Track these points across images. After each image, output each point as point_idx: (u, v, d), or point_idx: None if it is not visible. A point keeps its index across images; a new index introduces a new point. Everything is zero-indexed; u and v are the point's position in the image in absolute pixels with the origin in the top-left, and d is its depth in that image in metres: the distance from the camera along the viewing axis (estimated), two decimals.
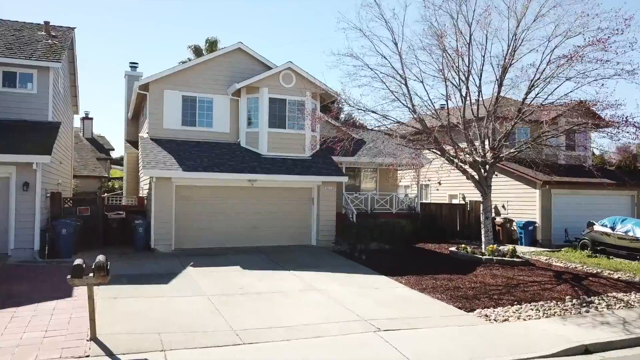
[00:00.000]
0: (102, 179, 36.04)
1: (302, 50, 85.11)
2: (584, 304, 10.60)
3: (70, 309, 8.73)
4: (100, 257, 7.21)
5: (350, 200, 20.02)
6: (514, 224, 20.58)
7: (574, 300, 10.82)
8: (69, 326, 7.83)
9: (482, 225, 15.68)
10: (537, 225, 19.85)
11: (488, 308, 10.12)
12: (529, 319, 9.56)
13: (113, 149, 44.76)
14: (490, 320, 9.38)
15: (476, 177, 15.50)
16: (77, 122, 47.24)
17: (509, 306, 10.31)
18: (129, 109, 21.92)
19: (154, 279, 11.54)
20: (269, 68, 18.11)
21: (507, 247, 15.53)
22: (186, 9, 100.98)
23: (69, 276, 7.06)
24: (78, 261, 7.16)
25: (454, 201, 24.77)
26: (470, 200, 22.24)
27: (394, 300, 10.43)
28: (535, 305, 10.37)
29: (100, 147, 42.08)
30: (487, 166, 15.23)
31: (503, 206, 21.44)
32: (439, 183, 25.16)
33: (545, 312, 9.97)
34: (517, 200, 20.90)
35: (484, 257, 14.90)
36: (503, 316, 9.60)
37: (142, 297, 9.78)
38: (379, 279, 12.51)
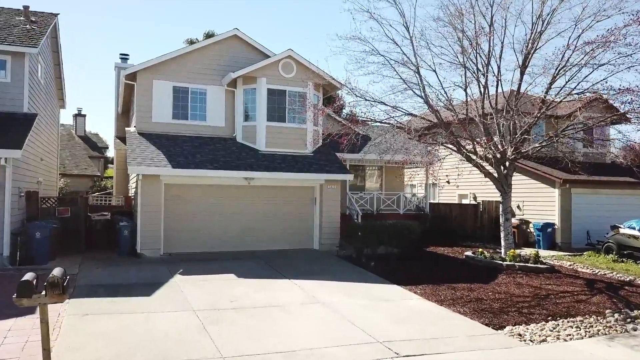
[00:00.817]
0: (95, 178, 34.72)
1: (304, 48, 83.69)
2: (629, 320, 9.22)
3: (30, 330, 7.33)
4: (56, 271, 5.80)
5: (355, 200, 18.63)
6: (531, 225, 19.19)
7: (616, 315, 9.44)
8: (22, 353, 6.45)
9: (502, 228, 14.29)
10: (556, 227, 18.45)
11: (519, 325, 8.74)
12: (570, 338, 8.17)
13: (107, 147, 43.35)
14: (525, 340, 7.99)
15: (495, 174, 14.13)
16: (69, 119, 45.96)
17: (543, 322, 8.94)
18: (119, 103, 20.50)
19: (136, 289, 10.13)
20: (268, 57, 16.68)
21: (530, 252, 14.15)
22: (186, 9, 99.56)
23: (14, 295, 5.66)
24: (27, 276, 5.76)
25: (464, 201, 23.38)
26: (482, 200, 20.85)
27: (410, 316, 9.04)
28: (574, 322, 9.00)
29: (93, 145, 40.73)
30: (507, 163, 13.84)
31: (518, 207, 20.04)
32: (448, 182, 23.77)
33: (587, 330, 8.59)
34: (533, 200, 19.49)
35: (505, 263, 13.50)
36: (539, 335, 8.21)
37: (117, 314, 8.38)
38: (391, 289, 11.11)
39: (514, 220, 19.15)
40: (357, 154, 18.02)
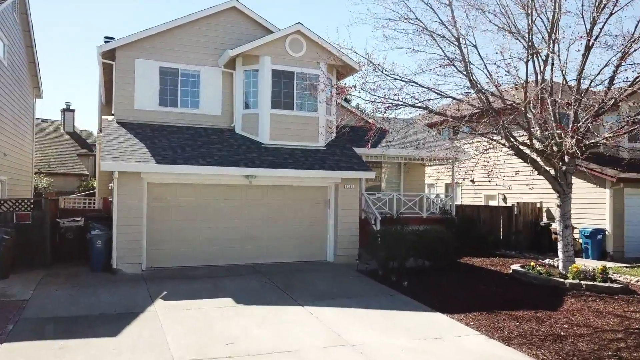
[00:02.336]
0: (83, 177, 32.25)
1: (316, 28, 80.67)
2: None
3: None
4: None
5: (372, 202, 16.05)
6: (576, 231, 16.58)
7: None
8: None
9: (560, 237, 11.73)
10: (607, 233, 15.88)
11: None
12: None
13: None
14: None
15: (551, 172, 11.60)
16: (57, 115, 43.43)
17: None
18: (101, 92, 17.91)
19: (100, 324, 7.56)
20: (273, 33, 14.10)
21: (594, 266, 11.59)
22: (185, 9, 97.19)
23: None
24: None
25: (491, 203, 20.83)
26: (517, 202, 18.26)
27: None
28: None
29: (83, 142, 38.18)
30: (567, 158, 11.28)
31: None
32: (472, 181, 21.25)
33: None
34: (578, 202, 16.81)
35: (567, 281, 10.91)
36: None
37: None
38: (435, 320, 8.56)
39: (554, 225, 16.61)
40: (376, 148, 15.43)
